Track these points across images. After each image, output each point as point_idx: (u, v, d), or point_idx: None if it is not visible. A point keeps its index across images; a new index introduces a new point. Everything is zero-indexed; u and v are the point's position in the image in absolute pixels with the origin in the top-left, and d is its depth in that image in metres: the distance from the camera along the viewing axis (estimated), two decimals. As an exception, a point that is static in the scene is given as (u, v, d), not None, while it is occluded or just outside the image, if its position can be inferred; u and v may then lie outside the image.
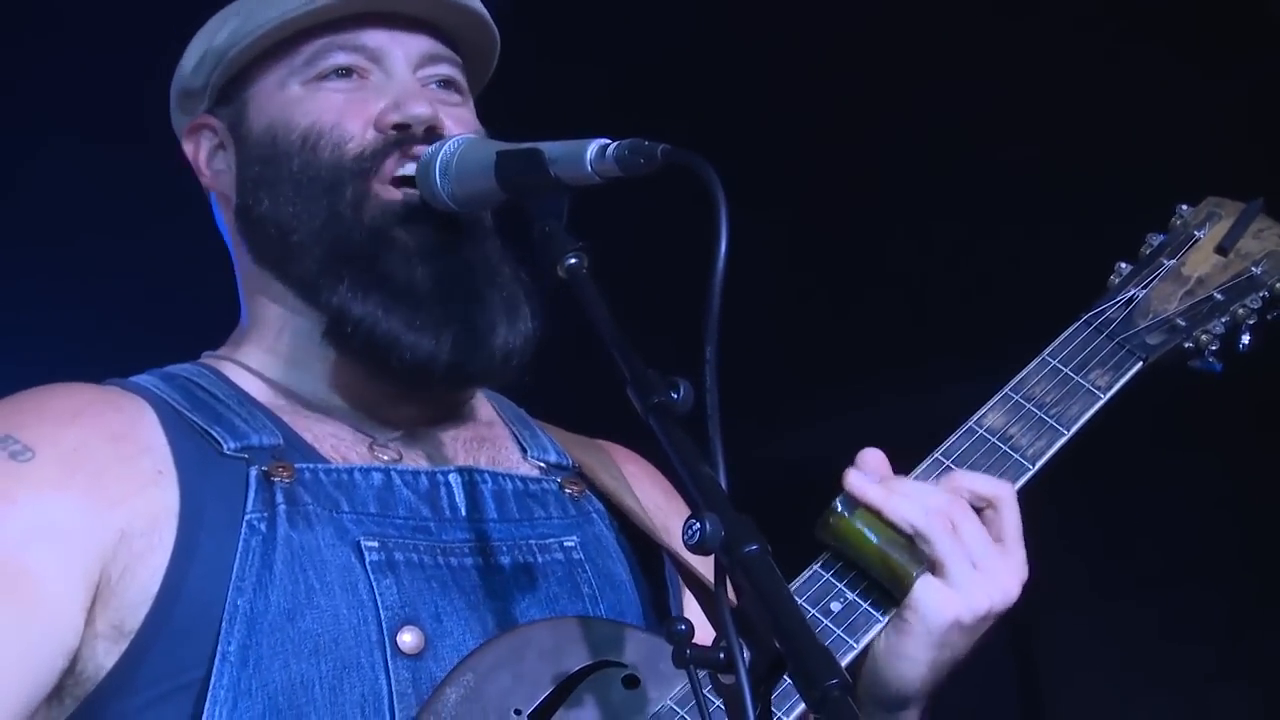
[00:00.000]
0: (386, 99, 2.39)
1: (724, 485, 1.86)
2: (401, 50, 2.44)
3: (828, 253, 5.11)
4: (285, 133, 2.39)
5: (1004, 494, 2.25)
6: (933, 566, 2.18)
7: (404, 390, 2.37)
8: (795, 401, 5.29)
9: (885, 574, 2.19)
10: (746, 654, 1.81)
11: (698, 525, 1.81)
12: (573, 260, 2.08)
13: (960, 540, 2.19)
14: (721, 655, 1.82)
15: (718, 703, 1.91)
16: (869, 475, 2.23)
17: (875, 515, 2.20)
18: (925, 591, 2.17)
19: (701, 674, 1.87)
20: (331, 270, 2.34)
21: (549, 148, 2.18)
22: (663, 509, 2.53)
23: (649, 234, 4.31)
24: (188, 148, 2.50)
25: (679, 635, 1.86)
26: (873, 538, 2.20)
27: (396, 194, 2.36)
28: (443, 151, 2.32)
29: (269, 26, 2.40)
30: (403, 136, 2.37)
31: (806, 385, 5.24)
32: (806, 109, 4.73)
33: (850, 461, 2.26)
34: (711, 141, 2.06)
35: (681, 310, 1.99)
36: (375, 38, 2.43)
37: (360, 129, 2.38)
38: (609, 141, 2.12)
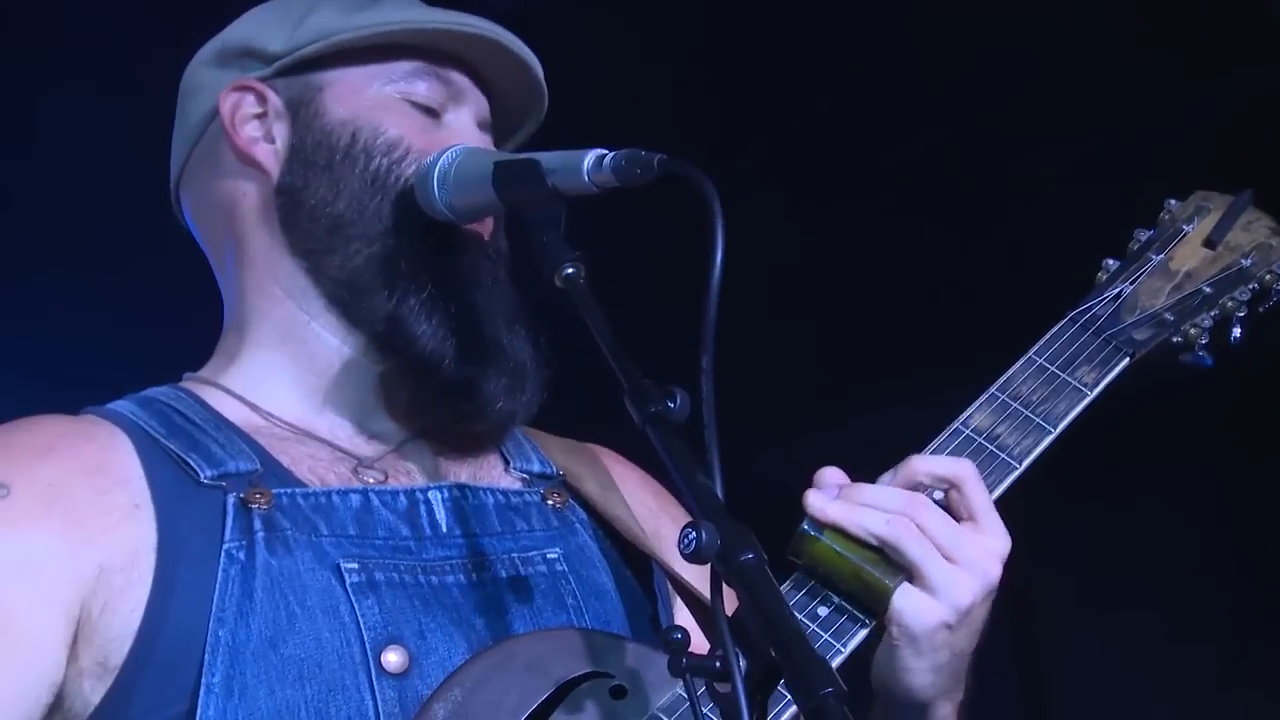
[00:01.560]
0: (459, 141, 2.51)
1: (721, 494, 1.97)
2: (474, 104, 2.59)
3: (825, 263, 5.23)
4: (370, 134, 2.50)
5: (964, 471, 2.32)
6: (908, 573, 2.25)
7: (422, 404, 2.50)
8: (798, 409, 5.41)
9: (862, 590, 2.26)
10: (742, 663, 1.91)
11: (694, 535, 1.91)
12: (570, 270, 2.20)
13: (928, 538, 2.26)
14: (718, 664, 1.92)
15: (712, 716, 2.03)
16: (827, 492, 2.31)
17: (843, 532, 2.28)
18: (905, 601, 2.24)
19: (698, 684, 1.97)
20: (393, 278, 2.46)
21: (546, 158, 2.30)
22: (653, 511, 2.63)
23: (646, 243, 4.42)
24: (226, 102, 2.55)
25: (675, 644, 1.97)
26: (845, 555, 2.27)
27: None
28: (440, 161, 2.44)
29: (401, 28, 2.53)
30: None
31: (805, 396, 5.37)
32: (799, 124, 4.85)
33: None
34: (707, 155, 2.18)
35: (680, 319, 2.10)
36: (462, 81, 2.58)
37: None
38: (606, 151, 2.23)
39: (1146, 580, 5.53)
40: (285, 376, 2.52)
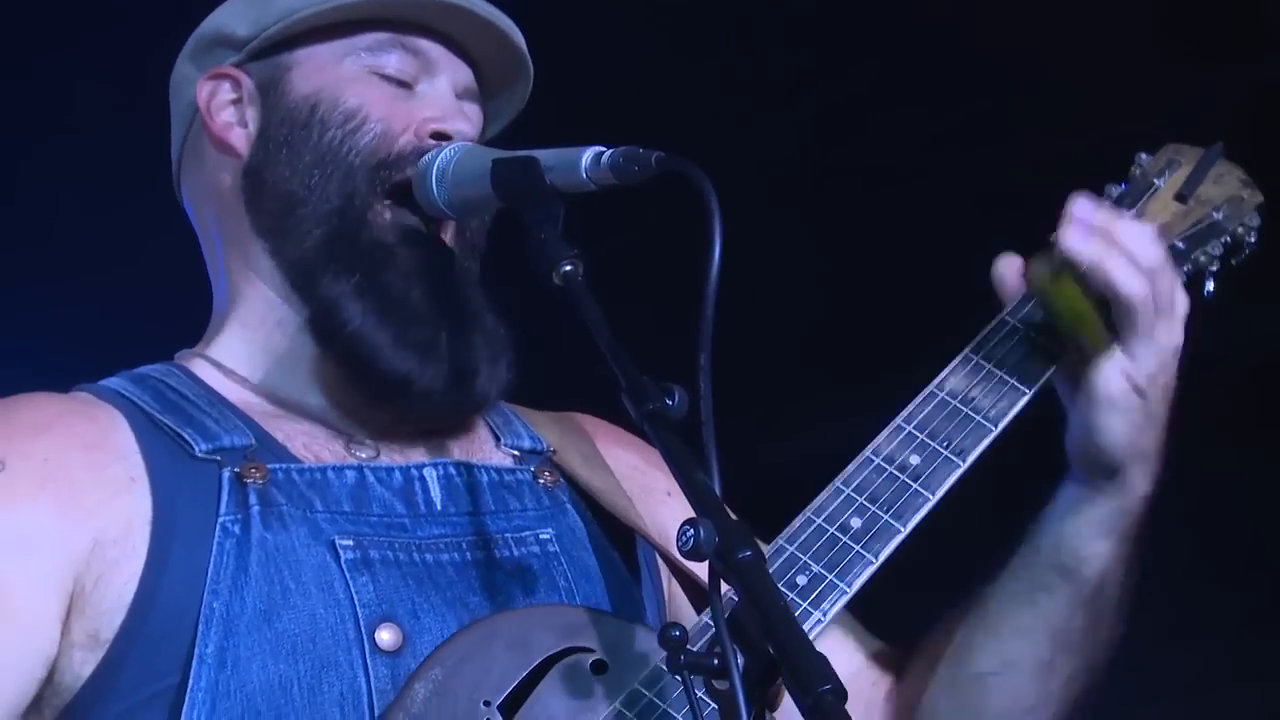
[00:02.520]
0: (432, 110, 2.53)
1: (718, 491, 1.99)
2: (451, 71, 2.59)
3: (834, 253, 5.24)
4: (330, 105, 2.51)
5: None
6: (1123, 332, 2.34)
7: (371, 398, 2.49)
8: (801, 404, 5.43)
9: (1076, 338, 2.34)
10: (740, 659, 1.93)
11: (692, 531, 1.93)
12: (568, 267, 2.21)
13: (1157, 301, 2.33)
14: (716, 661, 1.95)
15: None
16: (1092, 240, 2.32)
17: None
18: (1115, 363, 2.33)
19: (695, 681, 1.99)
20: (331, 261, 2.46)
21: (544, 155, 2.31)
22: (640, 469, 2.67)
23: (644, 239, 4.41)
24: (201, 92, 2.58)
25: (673, 641, 1.99)
26: (1082, 299, 2.32)
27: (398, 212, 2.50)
28: (439, 158, 2.45)
29: (363, 0, 2.52)
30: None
31: (811, 387, 5.39)
32: (813, 108, 4.84)
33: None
34: (717, 143, 2.18)
35: (679, 316, 2.10)
36: (434, 50, 2.59)
37: (400, 131, 2.51)
38: (604, 149, 2.26)
39: (1155, 573, 5.57)
40: (271, 355, 2.54)
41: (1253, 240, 2.66)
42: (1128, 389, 2.34)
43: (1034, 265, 2.35)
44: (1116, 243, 2.33)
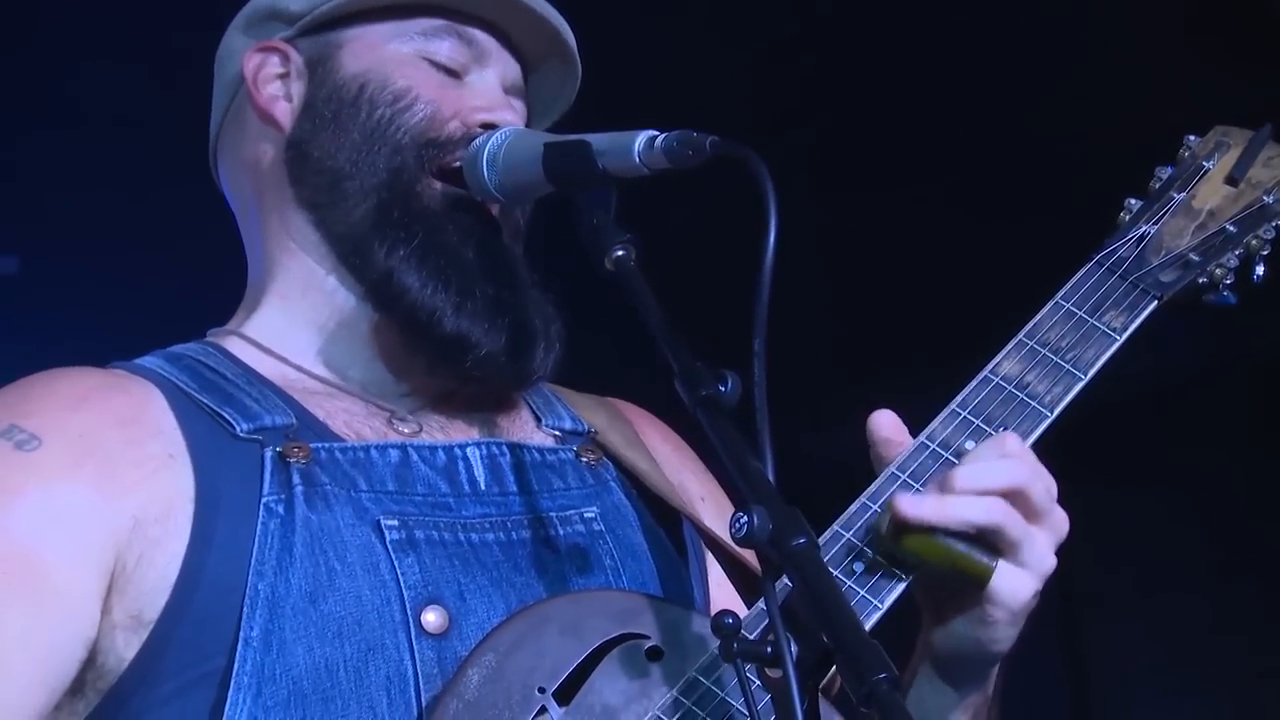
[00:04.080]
0: (481, 100, 2.50)
1: (772, 478, 1.94)
2: (500, 64, 2.56)
3: (875, 245, 5.21)
4: (379, 85, 2.48)
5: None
6: (1003, 550, 2.18)
7: (432, 363, 2.45)
8: (845, 393, 5.42)
9: (956, 575, 2.19)
10: (794, 647, 1.89)
11: (745, 518, 1.89)
12: (620, 252, 2.17)
13: (1020, 510, 2.18)
14: (769, 649, 1.91)
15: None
16: (921, 497, 2.19)
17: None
18: (1004, 582, 2.18)
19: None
20: (384, 229, 2.42)
21: (596, 139, 2.27)
22: (674, 468, 2.62)
23: (697, 226, 4.39)
24: (249, 63, 2.55)
25: (727, 628, 1.95)
26: (938, 545, 2.17)
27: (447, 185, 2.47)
28: (490, 143, 2.41)
29: None
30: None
31: (853, 379, 5.37)
32: (853, 107, 4.82)
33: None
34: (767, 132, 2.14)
35: (730, 303, 2.05)
36: (487, 42, 2.55)
37: (449, 116, 2.47)
38: (657, 133, 2.21)
39: (1195, 568, 5.51)
40: (311, 328, 2.50)
41: (1304, 224, 2.60)
42: (1028, 598, 2.20)
43: (885, 527, 2.20)
44: (951, 489, 2.18)
